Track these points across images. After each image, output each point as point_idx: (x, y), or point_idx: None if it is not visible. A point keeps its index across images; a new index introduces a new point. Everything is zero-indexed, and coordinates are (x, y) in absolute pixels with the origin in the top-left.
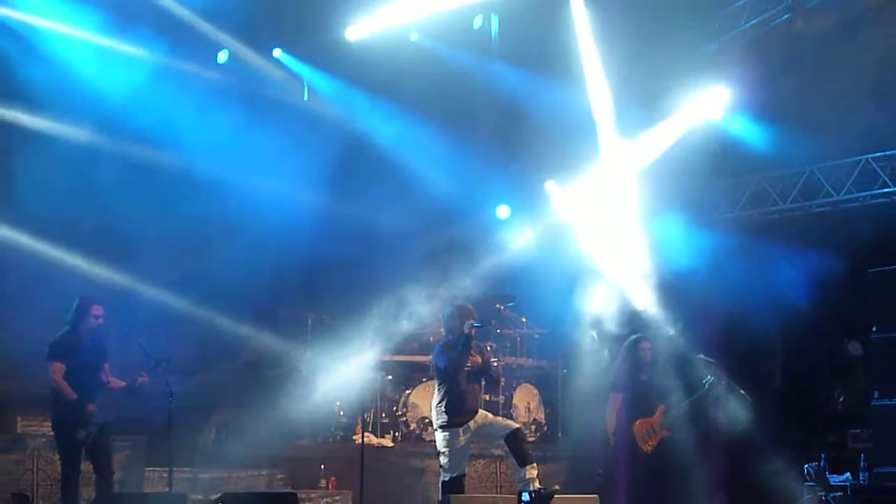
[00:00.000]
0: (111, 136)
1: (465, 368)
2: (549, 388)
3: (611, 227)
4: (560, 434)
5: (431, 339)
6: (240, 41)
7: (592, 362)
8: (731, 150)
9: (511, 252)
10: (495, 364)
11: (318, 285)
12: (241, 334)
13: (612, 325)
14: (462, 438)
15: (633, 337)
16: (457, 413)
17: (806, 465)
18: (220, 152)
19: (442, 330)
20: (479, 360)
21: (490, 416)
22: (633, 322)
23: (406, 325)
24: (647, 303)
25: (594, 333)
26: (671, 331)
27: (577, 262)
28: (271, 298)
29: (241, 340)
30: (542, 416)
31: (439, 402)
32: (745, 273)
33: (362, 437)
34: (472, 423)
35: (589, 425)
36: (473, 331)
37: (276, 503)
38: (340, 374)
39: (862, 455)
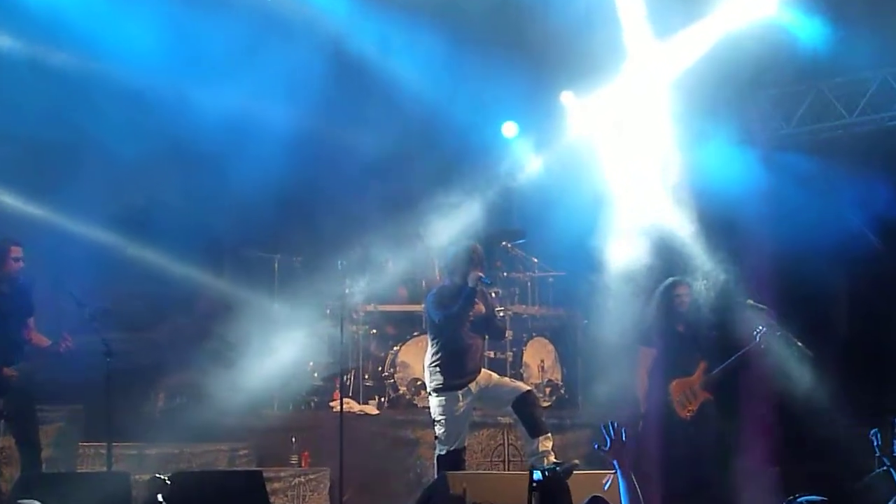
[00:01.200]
0: (28, 40)
1: (467, 320)
2: (567, 342)
3: (639, 147)
4: (580, 398)
5: (424, 283)
6: None
7: (619, 310)
8: (784, 53)
9: (520, 179)
10: (501, 314)
11: (289, 222)
12: (197, 281)
13: (641, 268)
14: (461, 404)
15: (668, 280)
16: (455, 373)
17: (872, 431)
18: (167, 59)
19: (438, 273)
20: (483, 309)
21: (495, 376)
22: (668, 263)
23: (393, 268)
24: (685, 239)
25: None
26: (714, 272)
27: (599, 189)
28: (234, 238)
29: (196, 289)
30: (559, 375)
31: (434, 361)
32: (802, 202)
33: (341, 404)
34: (473, 386)
35: (615, 386)
36: (480, 285)
37: (238, 483)
38: (314, 328)
39: None
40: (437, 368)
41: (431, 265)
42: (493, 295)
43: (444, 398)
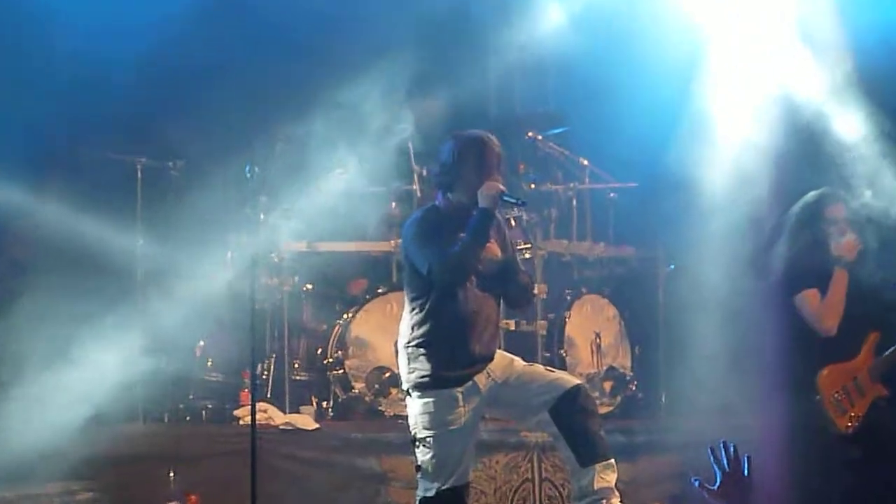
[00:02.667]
0: None
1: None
2: (641, 303)
3: None
4: (663, 398)
5: (394, 205)
6: None
7: (731, 248)
8: None
9: (554, 34)
10: (526, 255)
11: (163, 105)
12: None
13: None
14: (462, 410)
15: (813, 195)
16: (451, 359)
17: None
18: None
19: (419, 187)
20: (498, 251)
21: (519, 363)
22: (813, 168)
23: (344, 178)
24: (843, 130)
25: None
26: (893, 189)
27: (688, 50)
28: (69, 133)
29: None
30: (627, 360)
31: (415, 338)
32: None
33: (253, 413)
34: (482, 380)
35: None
36: (500, 206)
37: None
38: (206, 283)
39: None
40: (422, 350)
41: (410, 173)
42: (512, 224)
43: (431, 400)
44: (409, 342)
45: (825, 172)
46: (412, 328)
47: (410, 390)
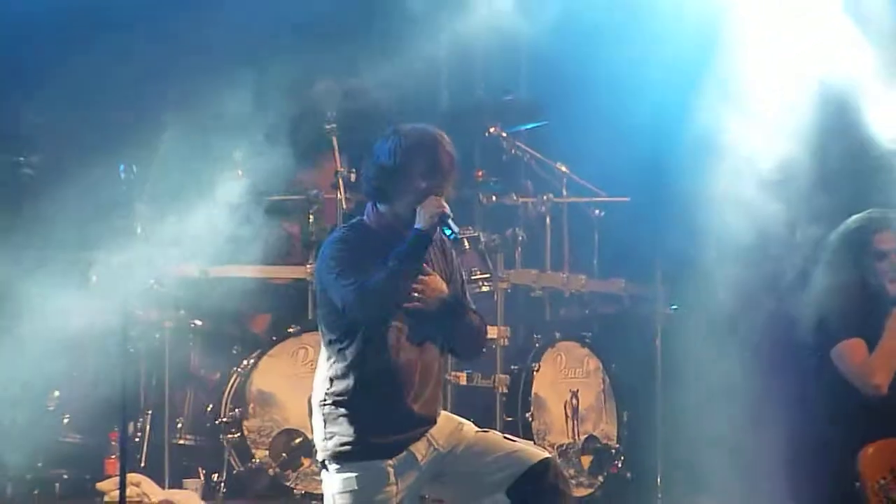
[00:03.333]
0: None
1: (406, 306)
2: (632, 355)
3: None
4: (658, 479)
5: (311, 218)
6: None
7: (751, 280)
8: None
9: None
10: (485, 288)
11: (12, 84)
12: None
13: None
14: (394, 488)
15: (857, 219)
16: (380, 421)
17: None
18: None
19: (344, 196)
20: (443, 286)
21: (471, 429)
22: (859, 180)
23: (247, 182)
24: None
25: None
26: None
27: (702, 23)
28: None
29: None
30: (613, 428)
31: (334, 393)
32: None
33: (122, 489)
34: (420, 448)
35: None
36: (440, 229)
37: None
38: (64, 315)
39: None
40: (342, 410)
41: (334, 177)
42: (466, 247)
43: (354, 476)
44: (325, 399)
45: (870, 182)
46: (330, 381)
47: (327, 462)
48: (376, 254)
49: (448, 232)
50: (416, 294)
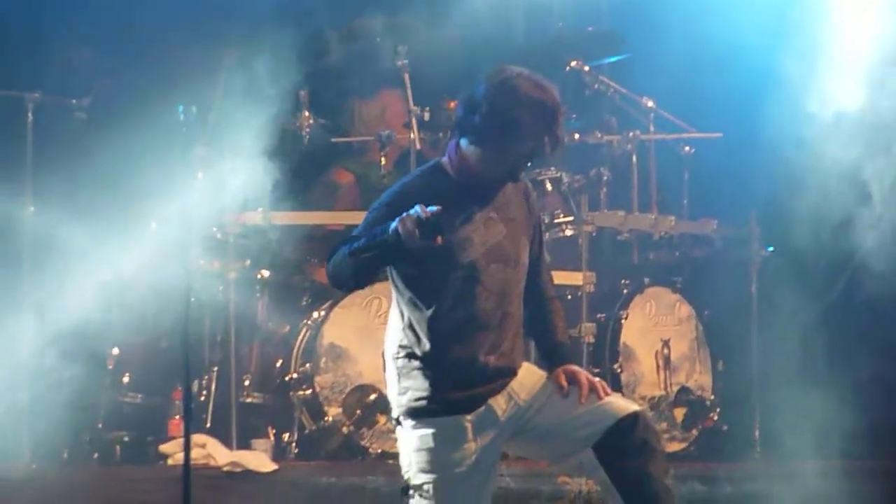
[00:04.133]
0: None
1: (479, 260)
2: (727, 301)
3: None
4: (756, 432)
5: (383, 160)
6: None
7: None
8: None
9: None
10: (569, 232)
11: (57, 23)
12: None
13: None
14: (472, 445)
15: None
16: (457, 375)
17: None
18: None
19: (416, 139)
20: (523, 225)
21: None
22: None
23: (313, 123)
24: None
25: None
26: None
27: None
28: None
29: None
30: (708, 379)
31: (406, 344)
32: None
33: (187, 451)
34: (500, 402)
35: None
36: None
37: None
38: (123, 266)
39: None
40: (416, 363)
41: (406, 116)
42: (548, 188)
43: (431, 432)
44: (398, 352)
45: None
46: (403, 333)
47: (402, 418)
48: (450, 203)
49: (424, 236)
50: (485, 239)
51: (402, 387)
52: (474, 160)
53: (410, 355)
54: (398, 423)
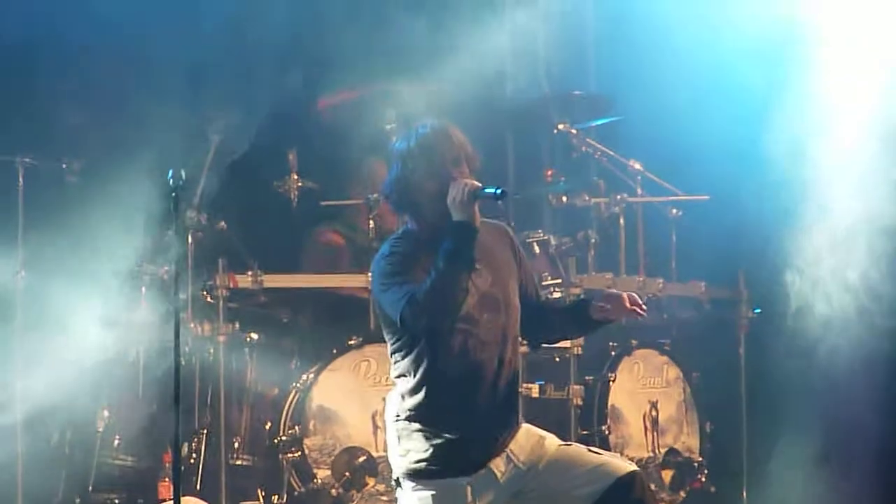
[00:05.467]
0: None
1: (472, 311)
2: (714, 363)
3: None
4: (744, 495)
5: (371, 224)
6: None
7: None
8: None
9: None
10: (557, 294)
11: (52, 86)
12: None
13: None
14: None
15: None
16: (457, 436)
17: None
18: None
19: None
20: (503, 274)
21: (553, 442)
22: None
23: (303, 186)
24: None
25: None
26: None
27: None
28: None
29: None
30: (695, 441)
31: (406, 407)
32: None
33: None
34: (500, 464)
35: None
36: (476, 202)
37: None
38: (112, 328)
39: None
40: (417, 426)
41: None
42: (536, 251)
43: (430, 494)
44: (398, 415)
45: None
46: (402, 396)
47: (402, 479)
48: (429, 259)
49: (490, 191)
50: (472, 290)
51: (403, 448)
52: (430, 219)
53: (410, 417)
54: (398, 484)
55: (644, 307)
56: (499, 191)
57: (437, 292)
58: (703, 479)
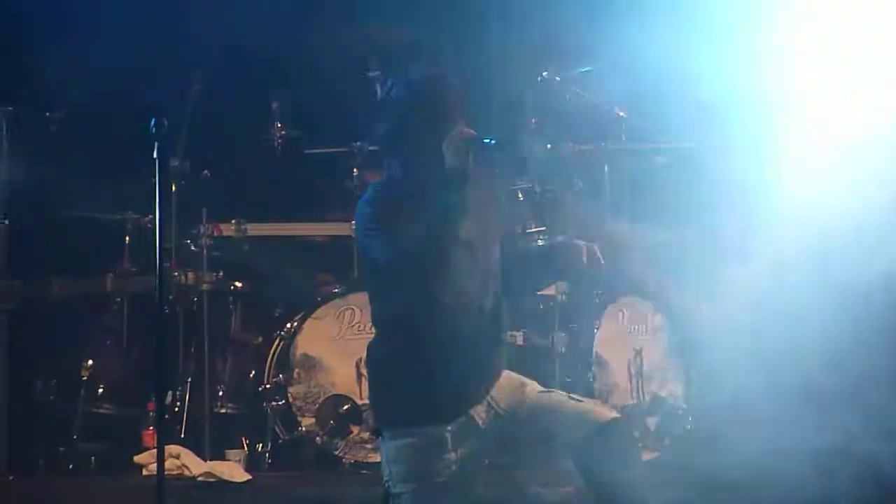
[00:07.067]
0: None
1: (454, 259)
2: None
3: None
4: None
5: (355, 171)
6: None
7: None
8: None
9: None
10: (541, 243)
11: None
12: None
13: None
14: (453, 455)
15: None
16: (436, 382)
17: None
18: None
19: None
20: (490, 222)
21: (534, 389)
22: None
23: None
24: None
25: None
26: None
27: None
28: None
29: None
30: (680, 387)
31: (383, 354)
32: None
33: (160, 462)
34: (480, 411)
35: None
36: (470, 154)
37: None
38: (90, 280)
39: None
40: (394, 372)
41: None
42: (519, 198)
43: (410, 442)
44: (377, 361)
45: None
46: (381, 342)
47: (381, 428)
48: (413, 207)
49: (487, 142)
50: (462, 233)
51: (382, 396)
52: (416, 167)
53: (389, 364)
54: (378, 433)
55: (601, 258)
56: (493, 141)
57: (429, 239)
58: (689, 426)
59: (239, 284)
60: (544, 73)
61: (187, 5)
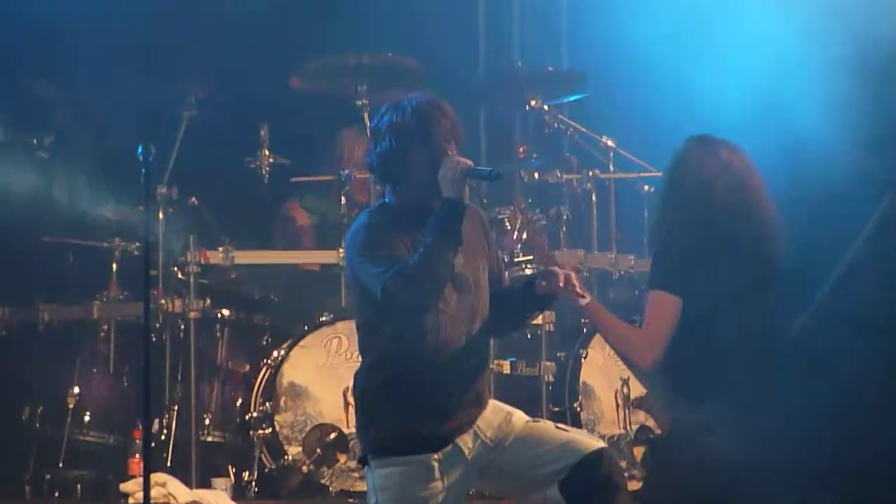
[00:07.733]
0: None
1: (444, 290)
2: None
3: None
4: None
5: (343, 200)
6: None
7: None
8: None
9: None
10: (528, 271)
11: None
12: None
13: None
14: (439, 483)
15: None
16: (423, 412)
17: None
18: None
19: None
20: (483, 258)
21: (521, 419)
22: None
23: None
24: None
25: None
26: None
27: None
28: None
29: None
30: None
31: (371, 383)
32: None
33: (146, 490)
34: (467, 440)
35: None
36: (471, 185)
37: None
38: (77, 308)
39: None
40: (383, 400)
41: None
42: (506, 227)
43: (397, 470)
44: (364, 390)
45: None
46: (368, 370)
47: (368, 456)
48: (406, 234)
49: (483, 172)
50: (456, 268)
51: (369, 424)
52: (411, 194)
53: (376, 393)
54: (365, 462)
55: (579, 288)
56: (492, 172)
57: (424, 267)
58: None
59: (226, 312)
60: (532, 102)
61: (176, 34)
